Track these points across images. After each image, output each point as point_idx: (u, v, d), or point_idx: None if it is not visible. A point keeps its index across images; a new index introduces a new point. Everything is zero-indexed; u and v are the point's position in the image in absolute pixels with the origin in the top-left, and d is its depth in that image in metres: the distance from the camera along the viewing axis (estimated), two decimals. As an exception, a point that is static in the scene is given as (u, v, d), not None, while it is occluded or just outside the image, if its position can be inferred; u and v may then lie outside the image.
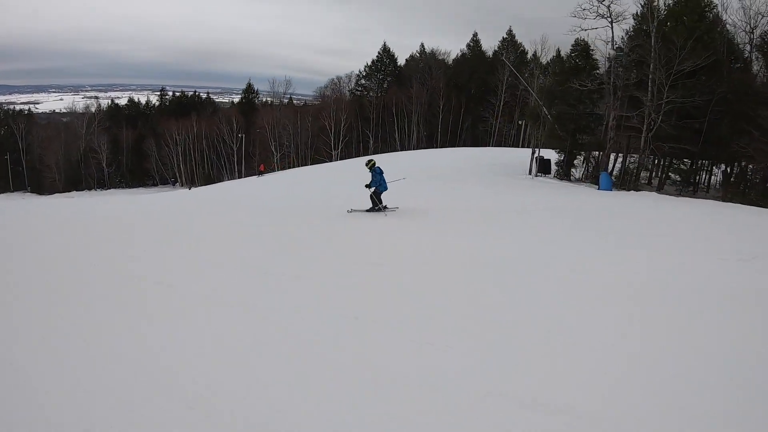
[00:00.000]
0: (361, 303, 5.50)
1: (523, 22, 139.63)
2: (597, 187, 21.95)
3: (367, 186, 11.97)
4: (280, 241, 9.25)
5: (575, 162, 26.01)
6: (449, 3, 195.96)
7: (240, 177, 52.51)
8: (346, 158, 49.89)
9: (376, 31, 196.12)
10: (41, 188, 64.24)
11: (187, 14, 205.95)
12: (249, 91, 61.92)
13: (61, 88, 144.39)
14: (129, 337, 4.40)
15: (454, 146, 52.53)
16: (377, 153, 51.74)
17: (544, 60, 58.79)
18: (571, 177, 25.58)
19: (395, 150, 52.69)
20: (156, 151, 58.77)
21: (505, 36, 61.00)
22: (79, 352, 4.07)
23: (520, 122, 56.47)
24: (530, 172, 26.11)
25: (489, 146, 52.56)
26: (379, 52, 60.34)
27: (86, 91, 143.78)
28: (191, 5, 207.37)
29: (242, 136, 52.20)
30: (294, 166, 51.69)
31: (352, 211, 12.01)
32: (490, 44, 66.99)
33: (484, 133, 57.42)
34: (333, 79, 61.58)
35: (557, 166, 25.99)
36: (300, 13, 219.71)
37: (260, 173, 35.97)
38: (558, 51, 59.08)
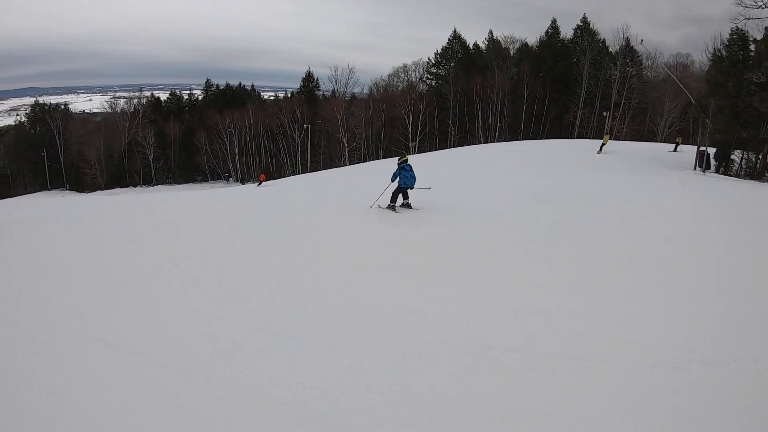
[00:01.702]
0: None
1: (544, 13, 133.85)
2: None
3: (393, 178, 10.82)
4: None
5: (732, 157, 23.50)
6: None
7: (305, 171, 47.45)
8: (423, 152, 44.73)
9: (397, 25, 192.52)
10: (81, 185, 60.15)
11: (208, 13, 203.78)
12: (309, 79, 56.62)
13: (89, 89, 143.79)
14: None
15: (537, 138, 47.36)
16: (459, 146, 46.53)
17: (614, 48, 54.13)
18: (730, 173, 23.06)
19: (477, 142, 47.41)
20: (207, 144, 54.05)
21: (579, 23, 56.23)
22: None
23: (604, 113, 51.91)
24: (695, 168, 23.56)
25: (573, 138, 47.39)
26: (449, 39, 55.21)
27: (114, 91, 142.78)
28: (211, 4, 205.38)
29: (308, 127, 46.99)
30: (365, 160, 46.56)
31: (379, 207, 10.76)
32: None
33: (568, 124, 52.38)
34: (398, 68, 56.47)
35: (716, 161, 23.62)
36: (319, 9, 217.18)
37: (260, 183, 32.66)
38: (625, 39, 54.81)
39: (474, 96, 47.90)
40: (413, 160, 11.89)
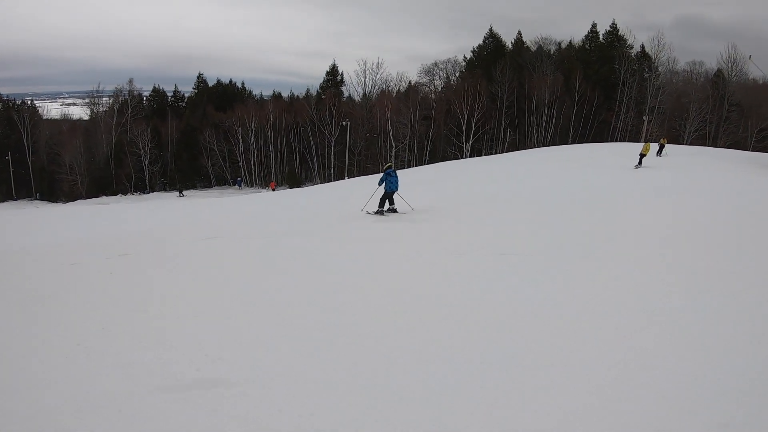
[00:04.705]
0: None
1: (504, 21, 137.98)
2: None
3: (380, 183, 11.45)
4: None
5: None
6: (430, 4, 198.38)
7: (341, 177, 41.18)
8: (477, 155, 39.85)
9: (357, 33, 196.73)
10: (54, 194, 51.16)
11: (168, 22, 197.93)
12: (333, 73, 50.71)
13: (38, 96, 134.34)
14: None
15: (584, 142, 43.92)
16: (512, 150, 42.02)
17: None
18: None
19: (531, 145, 43.07)
20: (215, 144, 46.94)
21: (609, 29, 53.81)
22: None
23: (645, 117, 49.63)
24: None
25: (614, 142, 44.42)
26: (485, 38, 51.22)
27: (64, 98, 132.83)
28: (172, 13, 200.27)
29: (347, 123, 40.94)
30: (409, 166, 41.03)
31: (367, 213, 11.26)
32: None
33: (611, 128, 49.51)
34: (427, 66, 51.72)
35: None
36: (280, 18, 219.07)
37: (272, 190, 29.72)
38: (641, 45, 52.92)
39: (525, 97, 43.82)
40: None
